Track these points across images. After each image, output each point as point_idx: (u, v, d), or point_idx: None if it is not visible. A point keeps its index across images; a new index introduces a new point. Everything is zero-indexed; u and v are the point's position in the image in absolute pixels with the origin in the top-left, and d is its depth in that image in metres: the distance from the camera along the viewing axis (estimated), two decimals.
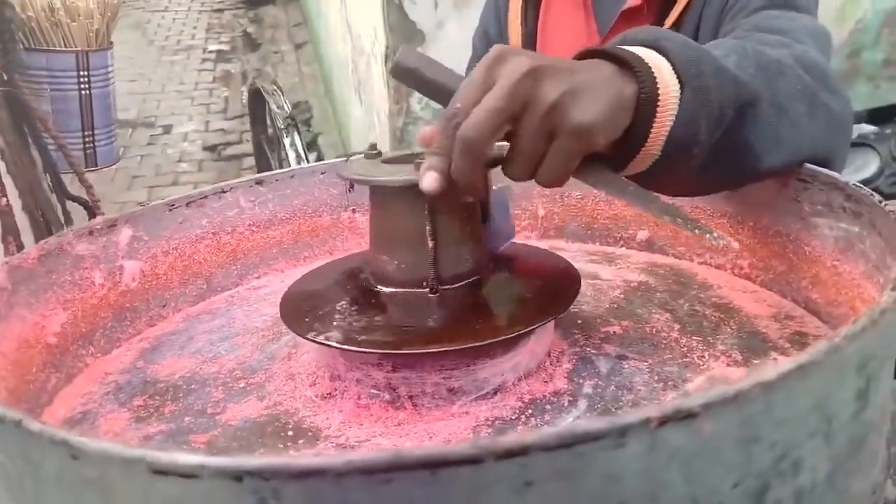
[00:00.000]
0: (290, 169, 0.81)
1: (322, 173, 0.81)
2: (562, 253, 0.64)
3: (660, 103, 0.49)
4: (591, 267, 0.73)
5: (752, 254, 0.67)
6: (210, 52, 5.13)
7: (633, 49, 0.50)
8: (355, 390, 0.52)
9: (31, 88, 1.87)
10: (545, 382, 0.52)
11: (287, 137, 1.84)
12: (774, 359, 0.54)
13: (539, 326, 0.51)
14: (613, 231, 0.79)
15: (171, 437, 0.51)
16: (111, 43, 2.26)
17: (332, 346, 0.50)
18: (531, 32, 0.98)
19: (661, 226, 0.76)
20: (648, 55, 0.50)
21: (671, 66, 0.50)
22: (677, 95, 0.49)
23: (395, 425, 0.49)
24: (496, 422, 0.48)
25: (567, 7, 0.96)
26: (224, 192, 0.76)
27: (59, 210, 1.90)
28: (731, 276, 0.69)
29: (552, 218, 0.82)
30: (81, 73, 2.16)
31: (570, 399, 0.50)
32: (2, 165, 1.62)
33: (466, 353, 0.50)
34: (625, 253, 0.78)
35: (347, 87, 2.98)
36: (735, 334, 0.57)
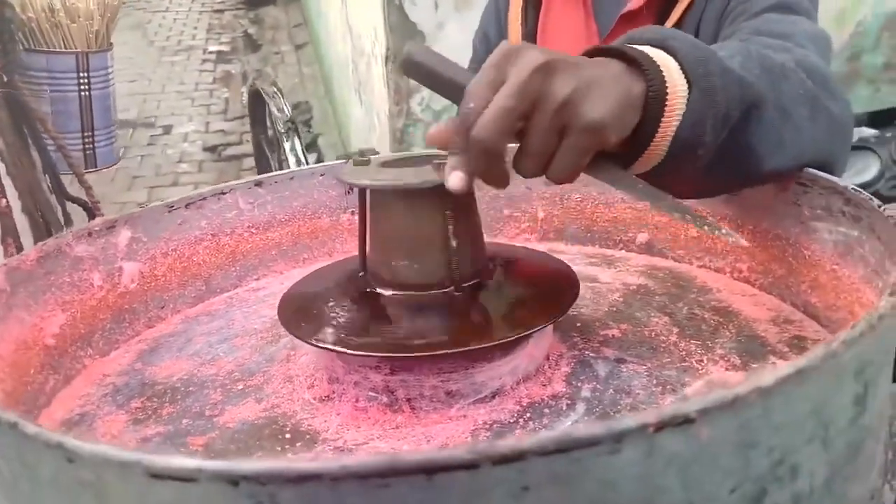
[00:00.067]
0: (290, 171, 0.81)
1: (321, 175, 0.81)
2: (561, 255, 0.64)
3: (667, 103, 0.49)
4: (591, 269, 0.73)
5: (752, 257, 0.67)
6: (210, 52, 5.13)
7: (642, 48, 0.50)
8: (353, 393, 0.52)
9: (30, 89, 1.87)
10: (543, 386, 0.52)
11: (287, 142, 1.83)
12: (773, 363, 0.54)
13: (538, 330, 0.51)
14: (613, 234, 0.79)
15: (168, 440, 0.51)
16: (111, 44, 2.26)
17: (329, 349, 0.50)
18: (531, 34, 0.98)
19: (661, 228, 0.76)
20: (657, 54, 0.50)
21: (679, 65, 0.50)
22: (685, 95, 0.49)
23: (393, 428, 0.49)
24: (494, 425, 0.48)
25: (567, 9, 0.96)
26: (223, 193, 0.76)
27: (59, 211, 1.90)
28: (731, 279, 0.69)
29: (551, 220, 0.82)
30: (81, 74, 2.16)
31: (569, 403, 0.50)
32: (1, 167, 1.62)
33: (465, 357, 0.50)
34: (624, 256, 0.78)
35: (347, 88, 2.98)
36: (734, 338, 0.57)
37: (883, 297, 0.36)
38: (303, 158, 1.86)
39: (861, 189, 0.54)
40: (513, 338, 0.49)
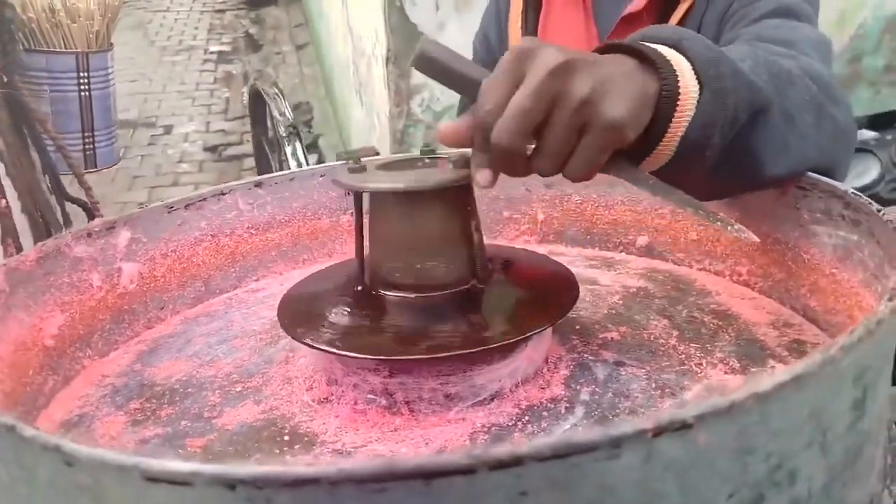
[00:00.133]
0: (290, 172, 0.81)
1: (321, 176, 0.81)
2: (561, 258, 0.64)
3: (679, 103, 0.49)
4: (590, 272, 0.73)
5: (751, 260, 0.67)
6: (211, 52, 5.13)
7: (656, 46, 0.50)
8: (352, 395, 0.52)
9: (30, 89, 1.87)
10: (542, 389, 0.52)
11: (289, 146, 1.83)
12: (772, 367, 0.54)
13: (537, 333, 0.51)
14: (613, 236, 0.79)
15: (167, 441, 0.51)
16: (111, 44, 2.26)
17: (328, 350, 0.50)
18: (531, 36, 0.98)
19: (661, 231, 0.76)
20: (670, 54, 0.50)
21: (691, 66, 0.50)
22: (696, 96, 0.49)
23: (392, 431, 0.49)
24: (493, 428, 0.48)
25: (567, 11, 0.96)
26: (223, 194, 0.76)
27: (59, 212, 1.90)
28: (730, 282, 0.69)
29: (551, 222, 0.82)
30: (81, 74, 2.16)
31: (568, 406, 0.50)
32: (1, 167, 1.62)
33: (463, 359, 0.50)
34: (624, 258, 0.78)
35: (348, 89, 2.98)
36: (733, 341, 0.57)
37: (882, 303, 0.36)
38: (304, 162, 1.85)
39: (861, 192, 0.54)
40: (512, 341, 0.49)
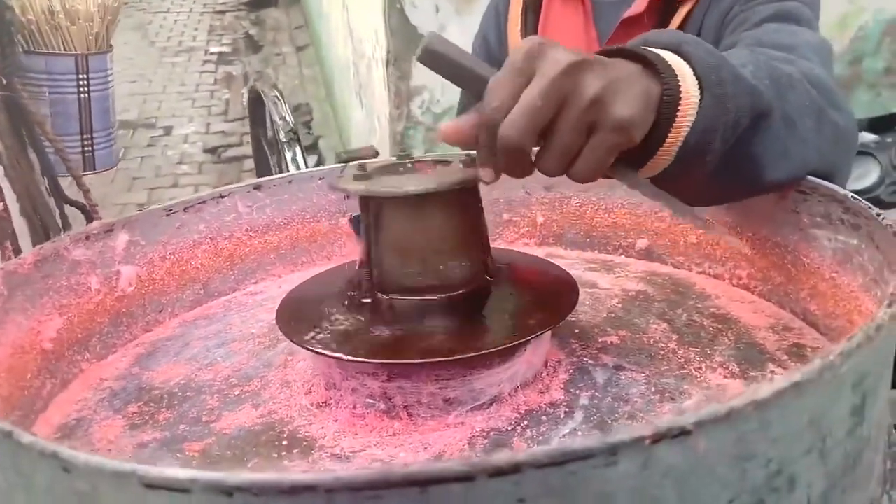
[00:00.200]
0: (289, 174, 0.81)
1: (320, 178, 0.81)
2: (560, 261, 0.64)
3: (680, 107, 0.49)
4: (590, 275, 0.73)
5: (751, 264, 0.67)
6: (211, 53, 5.13)
7: (657, 51, 0.50)
8: (351, 399, 0.52)
9: (29, 91, 1.86)
10: (542, 393, 0.52)
11: (289, 151, 1.82)
12: (772, 371, 0.53)
13: (536, 336, 0.51)
14: (612, 239, 0.79)
15: (165, 446, 0.51)
16: (111, 46, 2.26)
17: (327, 354, 0.50)
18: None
19: (661, 234, 0.76)
20: (672, 58, 0.50)
21: (693, 71, 0.50)
22: (697, 101, 0.49)
23: (391, 435, 0.49)
24: (492, 433, 0.48)
25: (567, 13, 0.96)
26: (222, 197, 0.76)
27: (57, 214, 1.90)
28: (730, 286, 0.69)
29: (551, 225, 0.82)
30: (80, 76, 2.15)
31: (567, 410, 0.50)
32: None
33: (462, 364, 0.49)
34: (623, 261, 0.77)
35: (348, 91, 2.98)
36: (733, 345, 0.57)
37: (881, 308, 0.36)
38: (304, 168, 1.85)
39: (861, 195, 0.54)
40: (511, 345, 0.49)
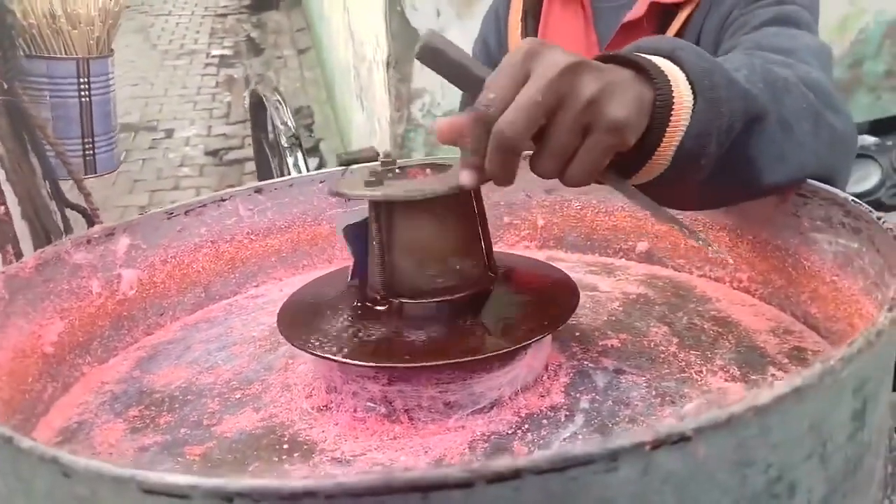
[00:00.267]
0: (290, 177, 0.81)
1: (321, 182, 0.81)
2: (561, 264, 0.64)
3: (673, 112, 0.49)
4: (590, 278, 0.73)
5: (752, 267, 0.67)
6: (213, 56, 5.13)
7: (650, 57, 0.51)
8: (351, 403, 0.52)
9: (31, 95, 1.87)
10: (542, 397, 0.52)
11: (291, 157, 1.82)
12: (772, 375, 0.53)
13: (537, 340, 0.51)
14: (613, 242, 0.79)
15: (166, 449, 0.51)
16: (112, 50, 2.26)
17: (327, 358, 0.50)
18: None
19: (661, 237, 0.76)
20: (664, 64, 0.50)
21: (685, 76, 0.50)
22: (690, 105, 0.49)
23: (391, 439, 0.49)
24: (492, 437, 0.48)
25: (567, 17, 0.96)
26: (223, 200, 0.76)
27: (58, 218, 1.90)
28: (730, 289, 0.69)
29: (551, 228, 0.82)
30: (82, 80, 2.16)
31: (567, 414, 0.50)
32: (1, 173, 1.62)
33: (463, 367, 0.50)
34: (624, 264, 0.77)
35: (349, 93, 2.99)
36: (733, 349, 0.57)
37: (881, 313, 0.36)
38: (305, 173, 1.85)
39: (862, 197, 0.54)
40: (511, 348, 0.49)
